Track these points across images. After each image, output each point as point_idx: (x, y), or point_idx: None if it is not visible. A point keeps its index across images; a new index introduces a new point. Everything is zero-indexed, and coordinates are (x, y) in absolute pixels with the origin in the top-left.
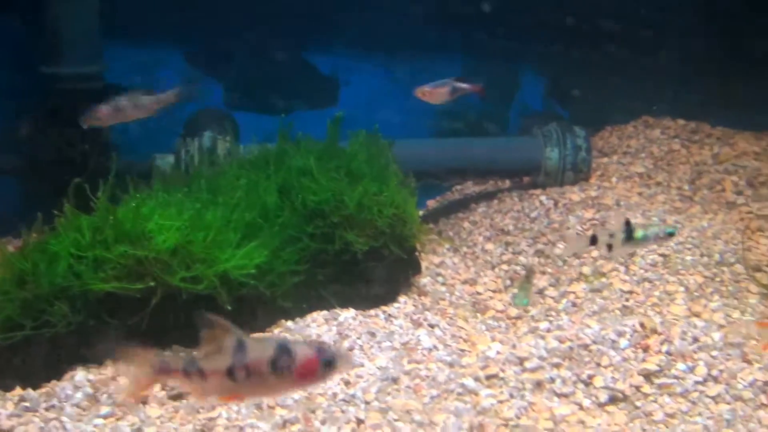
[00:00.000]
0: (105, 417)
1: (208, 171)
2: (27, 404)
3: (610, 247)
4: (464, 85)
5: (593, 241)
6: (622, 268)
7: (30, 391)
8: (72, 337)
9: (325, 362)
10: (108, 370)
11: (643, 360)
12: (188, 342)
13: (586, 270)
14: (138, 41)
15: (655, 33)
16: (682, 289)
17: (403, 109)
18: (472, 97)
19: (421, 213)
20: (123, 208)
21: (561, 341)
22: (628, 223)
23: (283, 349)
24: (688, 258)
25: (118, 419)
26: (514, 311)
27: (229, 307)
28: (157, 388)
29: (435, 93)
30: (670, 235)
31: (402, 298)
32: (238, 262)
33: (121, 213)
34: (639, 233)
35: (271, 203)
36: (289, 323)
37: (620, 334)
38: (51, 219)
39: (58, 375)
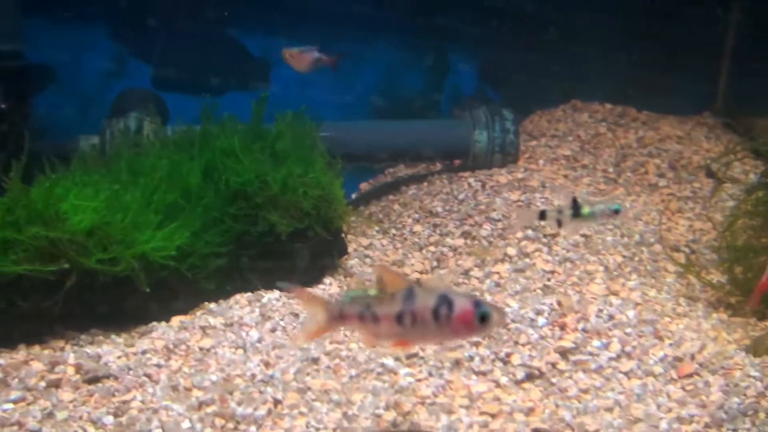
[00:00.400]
0: (15, 402)
1: (129, 152)
2: None
3: (559, 222)
4: (323, 56)
5: (542, 216)
6: (545, 249)
7: None
8: None
9: (480, 315)
10: (20, 354)
11: (560, 338)
12: (108, 322)
13: (510, 251)
14: (62, 19)
15: (584, 17)
16: (601, 268)
17: (336, 91)
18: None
19: (353, 196)
20: (36, 188)
21: None
22: (575, 201)
23: (444, 299)
24: (609, 238)
25: (29, 404)
26: None
27: (148, 290)
28: (71, 371)
29: (300, 58)
30: (616, 211)
31: (327, 280)
32: (157, 244)
33: (33, 193)
34: (586, 210)
35: (194, 184)
36: (212, 305)
37: (538, 313)
38: None
39: None
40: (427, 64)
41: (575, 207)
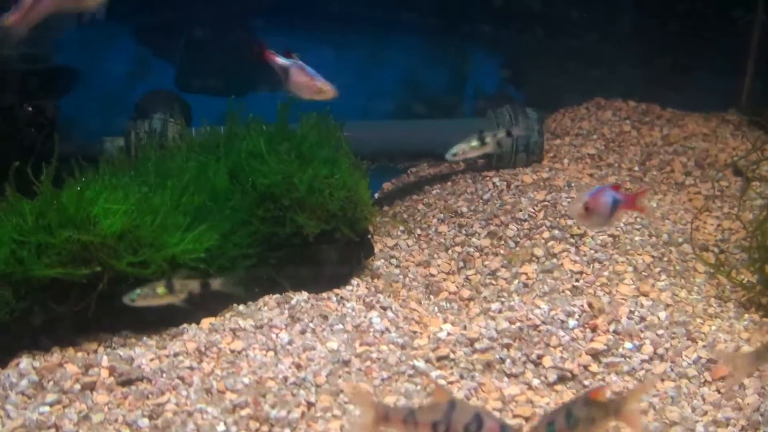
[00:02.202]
0: (51, 405)
1: (156, 154)
2: None
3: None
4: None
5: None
6: (572, 249)
7: None
8: (17, 324)
9: None
10: (54, 357)
11: (591, 339)
12: (139, 325)
13: (537, 251)
14: (85, 20)
15: (606, 15)
16: (630, 269)
17: (357, 91)
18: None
19: (376, 195)
20: (67, 191)
21: (511, 322)
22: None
23: (477, 417)
24: (637, 238)
25: (64, 407)
26: (466, 293)
27: None
28: (104, 374)
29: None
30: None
31: (355, 281)
32: (187, 246)
33: (65, 197)
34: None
35: (221, 186)
36: (241, 307)
37: (569, 315)
38: None
39: (1, 363)
40: (449, 63)
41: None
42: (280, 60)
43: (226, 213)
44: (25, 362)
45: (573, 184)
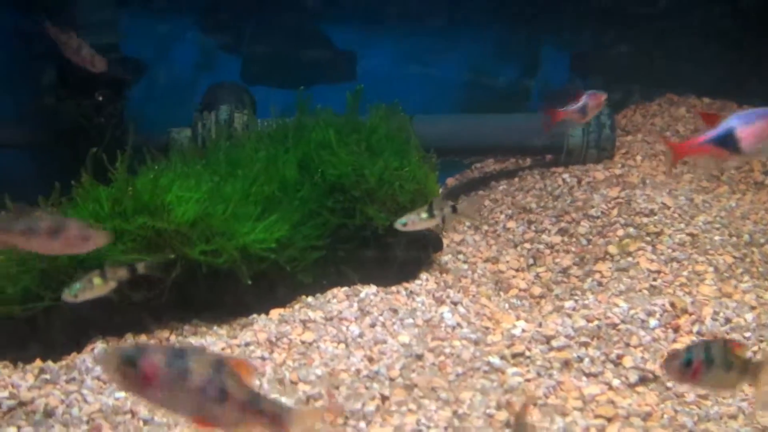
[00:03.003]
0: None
1: (226, 144)
2: (47, 376)
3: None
4: None
5: None
6: (648, 248)
7: (50, 364)
8: (92, 309)
9: None
10: (128, 344)
11: (674, 340)
12: (209, 314)
13: (612, 249)
14: (154, 12)
15: (680, 9)
16: (711, 269)
17: (423, 84)
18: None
19: (440, 191)
20: (141, 179)
21: (588, 320)
22: None
23: None
24: (717, 238)
25: None
26: (537, 290)
27: (249, 282)
28: None
29: None
30: None
31: (423, 275)
32: (258, 236)
33: (139, 184)
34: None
35: (291, 177)
36: (310, 299)
37: (650, 314)
38: (67, 191)
39: (77, 347)
40: (517, 56)
41: None
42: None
43: (295, 204)
44: (99, 347)
45: (648, 181)
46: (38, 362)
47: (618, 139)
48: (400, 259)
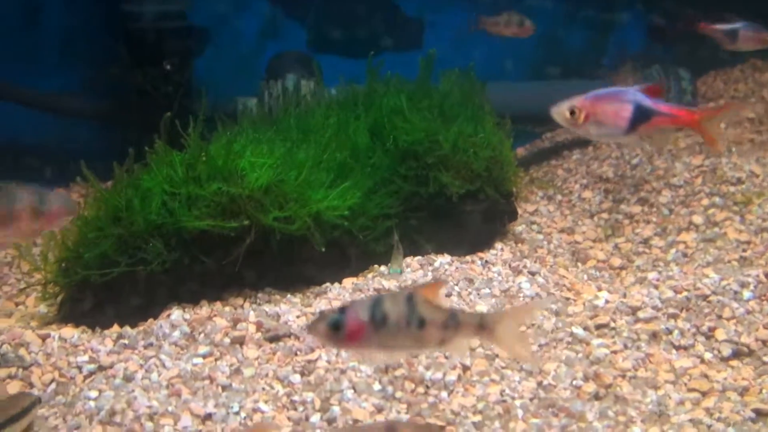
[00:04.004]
0: (204, 356)
1: (295, 111)
2: (125, 342)
3: None
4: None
5: None
6: (737, 218)
7: (128, 329)
8: (167, 276)
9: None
10: (203, 311)
11: None
12: (283, 282)
13: (697, 219)
14: None
15: None
16: None
17: (490, 52)
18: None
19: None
20: (214, 144)
21: (677, 291)
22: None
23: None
24: None
25: (216, 359)
26: (617, 261)
27: (323, 249)
28: (252, 329)
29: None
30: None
31: (498, 245)
32: (331, 203)
33: (213, 149)
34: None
35: (362, 144)
36: (383, 268)
37: (743, 285)
38: (138, 160)
39: (153, 313)
40: (592, 20)
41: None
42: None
43: (367, 171)
44: (176, 314)
45: (734, 149)
46: (116, 327)
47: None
48: (474, 228)
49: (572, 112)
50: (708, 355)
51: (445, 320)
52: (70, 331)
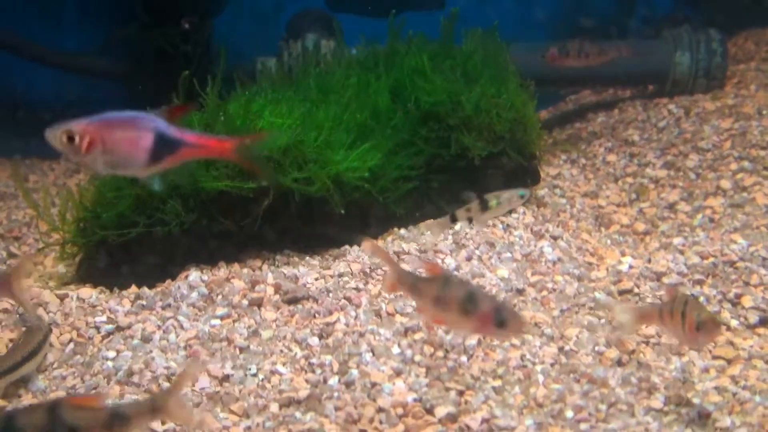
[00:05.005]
0: (221, 318)
1: (315, 71)
2: (143, 302)
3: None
4: None
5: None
6: (766, 183)
7: (145, 290)
8: (185, 237)
9: (498, 320)
10: (221, 272)
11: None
12: (301, 244)
13: (725, 184)
14: None
15: None
16: None
17: (518, 10)
18: None
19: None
20: (233, 104)
21: (703, 257)
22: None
23: (471, 296)
24: None
25: (234, 321)
26: (641, 226)
27: (342, 211)
28: (270, 291)
29: None
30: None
31: (521, 209)
32: (351, 164)
33: (231, 109)
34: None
35: (383, 104)
36: (402, 231)
37: None
38: None
39: (171, 275)
40: None
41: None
42: None
43: (387, 132)
44: (194, 275)
45: (765, 112)
46: (134, 288)
47: (728, 69)
48: (497, 191)
49: (71, 138)
50: (734, 322)
51: (107, 420)
52: (88, 292)
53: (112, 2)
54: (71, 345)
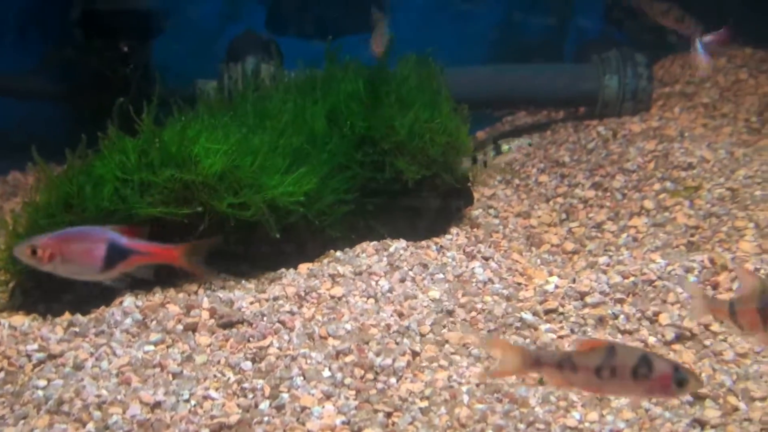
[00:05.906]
0: (155, 344)
1: (253, 95)
2: (76, 329)
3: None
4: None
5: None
6: (686, 203)
7: (79, 317)
8: None
9: (678, 380)
10: (156, 297)
11: (713, 297)
12: (237, 270)
13: (648, 204)
14: None
15: None
16: (751, 225)
17: (455, 34)
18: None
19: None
20: (168, 130)
21: (624, 276)
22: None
23: (645, 360)
24: (758, 193)
25: (168, 346)
26: (570, 245)
27: (278, 235)
28: (206, 315)
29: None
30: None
31: (454, 230)
32: (286, 189)
33: (167, 135)
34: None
35: (319, 129)
36: (338, 253)
37: (688, 270)
38: (94, 143)
39: (106, 301)
40: (549, 4)
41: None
42: None
43: (323, 157)
44: (128, 301)
45: (686, 134)
46: (67, 315)
47: (655, 91)
48: (430, 213)
49: (34, 252)
50: (652, 339)
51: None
52: (20, 319)
53: (50, 24)
54: (2, 374)
